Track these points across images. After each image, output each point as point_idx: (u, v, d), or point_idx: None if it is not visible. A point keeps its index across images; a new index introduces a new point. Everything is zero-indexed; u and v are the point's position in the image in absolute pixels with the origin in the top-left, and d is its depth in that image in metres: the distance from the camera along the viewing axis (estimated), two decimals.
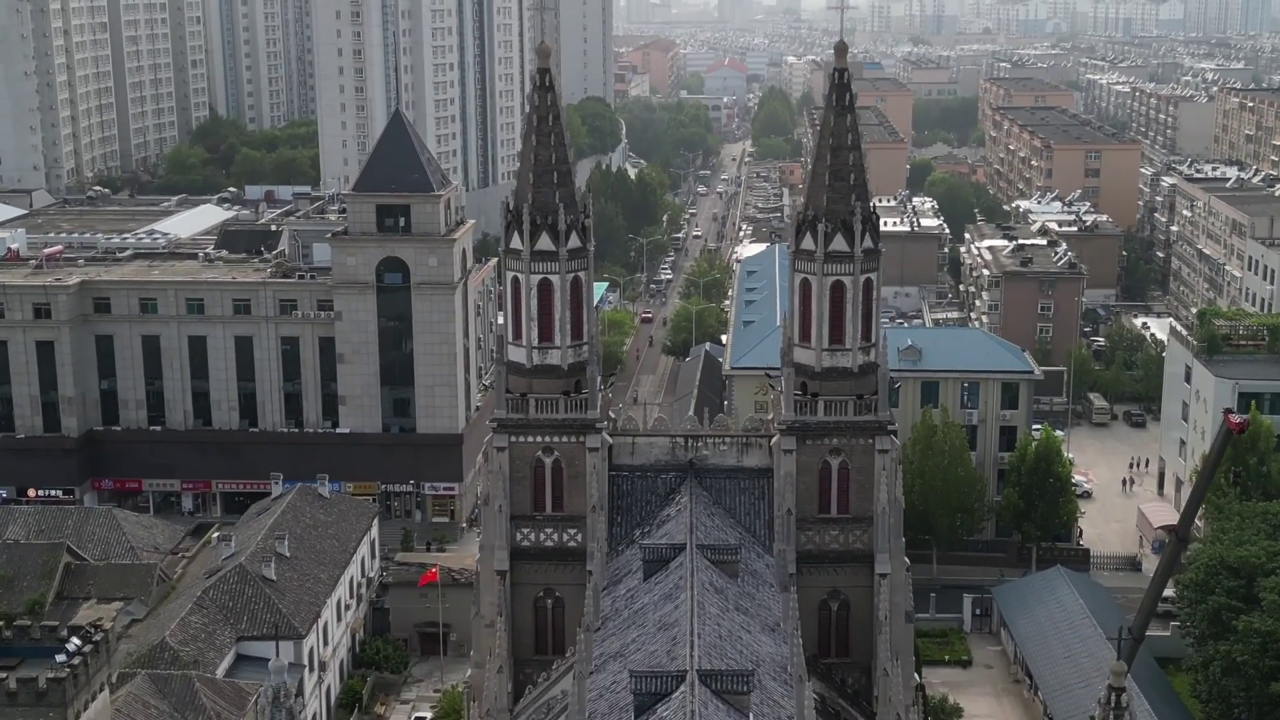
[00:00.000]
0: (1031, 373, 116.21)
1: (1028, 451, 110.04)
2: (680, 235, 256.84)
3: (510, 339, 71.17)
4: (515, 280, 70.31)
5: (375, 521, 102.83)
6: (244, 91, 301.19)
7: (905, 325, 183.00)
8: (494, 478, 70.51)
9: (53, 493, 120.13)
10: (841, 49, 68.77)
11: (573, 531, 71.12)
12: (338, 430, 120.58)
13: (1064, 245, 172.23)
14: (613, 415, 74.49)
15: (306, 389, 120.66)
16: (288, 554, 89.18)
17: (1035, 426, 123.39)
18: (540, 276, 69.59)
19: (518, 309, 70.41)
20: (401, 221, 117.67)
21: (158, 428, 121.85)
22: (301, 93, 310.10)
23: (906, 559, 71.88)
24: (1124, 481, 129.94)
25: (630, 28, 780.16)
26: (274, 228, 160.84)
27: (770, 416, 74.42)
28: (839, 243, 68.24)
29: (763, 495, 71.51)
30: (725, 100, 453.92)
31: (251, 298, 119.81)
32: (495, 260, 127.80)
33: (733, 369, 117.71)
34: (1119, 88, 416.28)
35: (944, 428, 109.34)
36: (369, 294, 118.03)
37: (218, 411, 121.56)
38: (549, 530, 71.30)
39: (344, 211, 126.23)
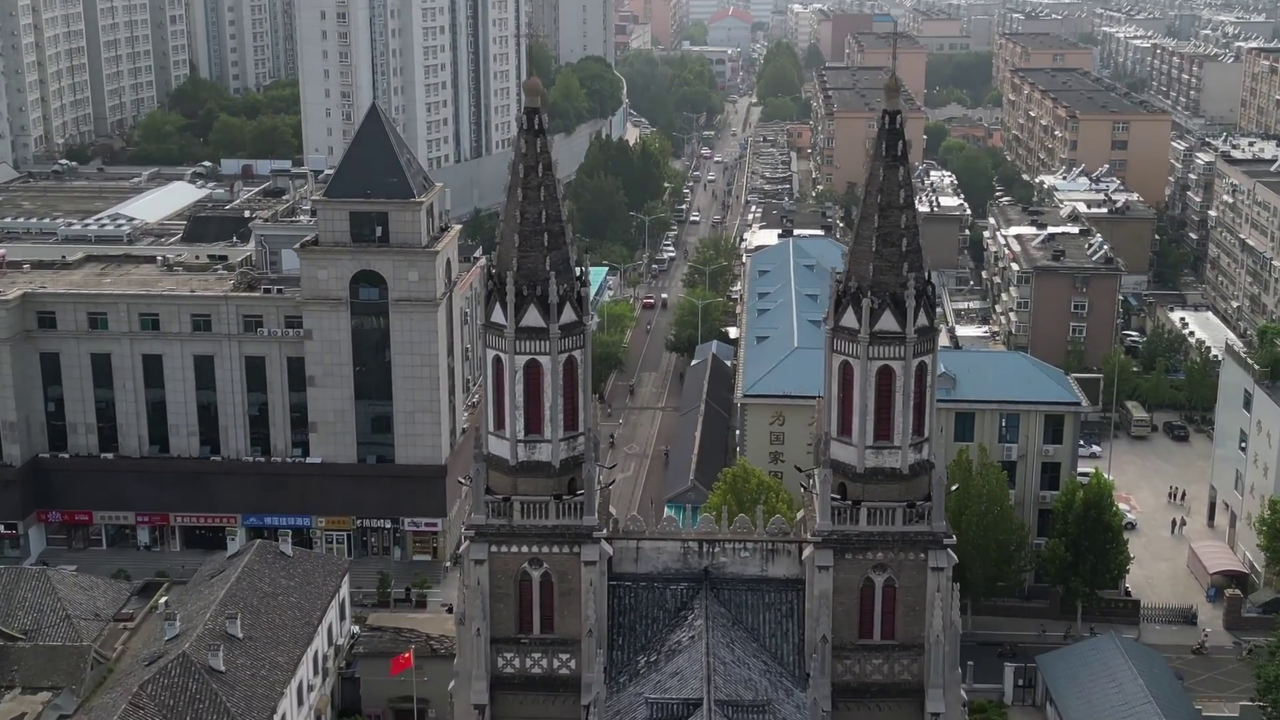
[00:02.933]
0: (1078, 404, 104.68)
1: (1075, 498, 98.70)
2: (684, 206, 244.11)
3: (491, 428, 59.73)
4: (497, 360, 58.76)
5: (345, 580, 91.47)
6: (227, 48, 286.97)
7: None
8: (471, 595, 59.28)
9: None
10: (894, 88, 56.64)
11: (565, 657, 60.08)
12: (308, 460, 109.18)
13: (1099, 236, 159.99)
14: (613, 512, 63.04)
15: (274, 414, 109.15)
16: (240, 635, 77.86)
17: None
18: (528, 357, 58.08)
19: (500, 394, 58.94)
20: (378, 231, 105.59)
21: (109, 455, 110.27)
22: (288, 48, 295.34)
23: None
24: (1173, 523, 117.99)
25: None
26: (246, 214, 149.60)
27: (800, 515, 63.03)
28: (887, 320, 56.69)
29: (791, 613, 60.36)
30: (729, 52, 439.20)
31: (212, 313, 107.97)
32: (483, 261, 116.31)
33: (745, 397, 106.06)
34: (1138, 43, 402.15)
35: (982, 469, 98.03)
36: (342, 310, 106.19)
37: (176, 438, 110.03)
38: (537, 655, 60.26)
39: (315, 215, 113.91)
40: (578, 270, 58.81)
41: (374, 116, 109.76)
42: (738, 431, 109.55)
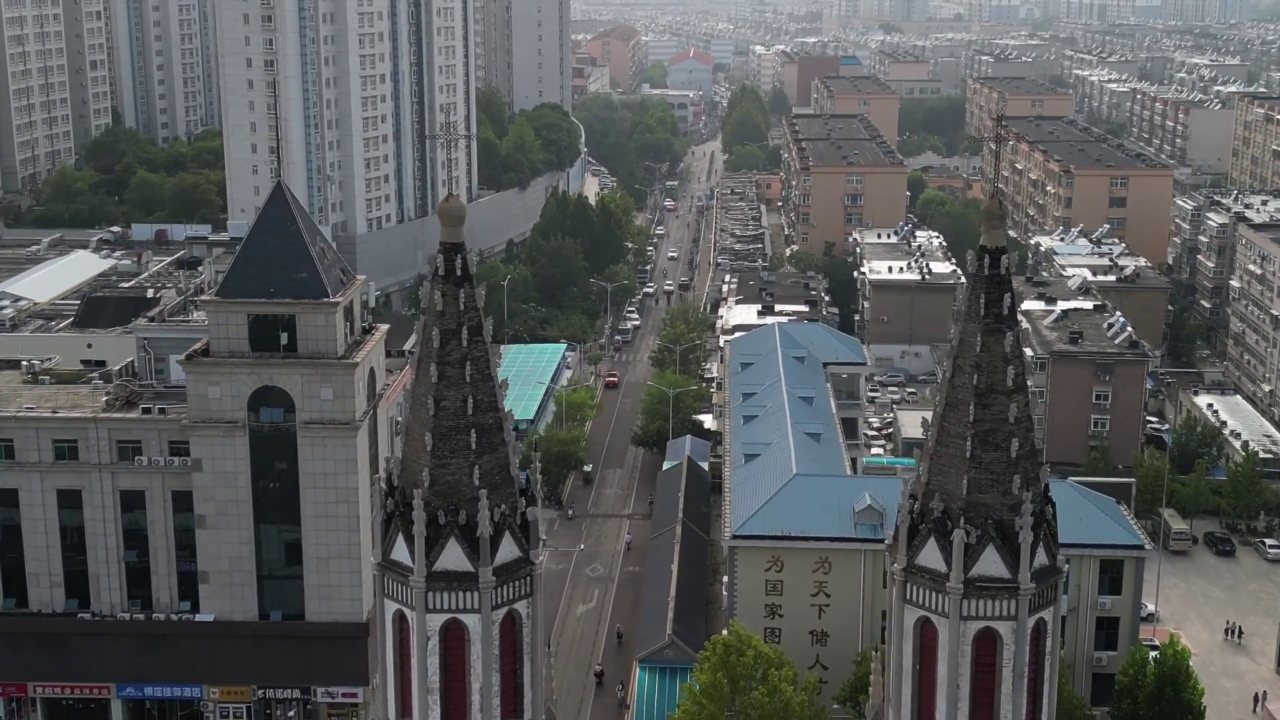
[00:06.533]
0: (1141, 546, 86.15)
1: (1145, 671, 79.99)
2: (648, 268, 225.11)
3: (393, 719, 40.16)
4: (400, 619, 39.36)
5: None
6: (155, 95, 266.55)
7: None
8: None
9: None
10: (997, 213, 37.84)
11: None
12: (198, 617, 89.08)
13: (1119, 314, 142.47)
14: None
15: (155, 561, 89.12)
16: None
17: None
18: (446, 616, 38.61)
19: (405, 670, 39.47)
20: (284, 338, 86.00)
21: None
22: (221, 95, 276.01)
23: None
24: (1255, 698, 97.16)
25: (589, 10, 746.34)
26: (150, 293, 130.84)
27: None
28: (990, 562, 37.63)
29: None
30: (691, 96, 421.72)
31: (79, 437, 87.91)
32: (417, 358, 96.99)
33: (735, 538, 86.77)
34: (1114, 87, 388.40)
35: None
36: (239, 435, 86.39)
37: (35, 589, 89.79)
38: None
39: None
40: (522, 478, 39.48)
41: (279, 197, 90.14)
42: (725, 578, 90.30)
